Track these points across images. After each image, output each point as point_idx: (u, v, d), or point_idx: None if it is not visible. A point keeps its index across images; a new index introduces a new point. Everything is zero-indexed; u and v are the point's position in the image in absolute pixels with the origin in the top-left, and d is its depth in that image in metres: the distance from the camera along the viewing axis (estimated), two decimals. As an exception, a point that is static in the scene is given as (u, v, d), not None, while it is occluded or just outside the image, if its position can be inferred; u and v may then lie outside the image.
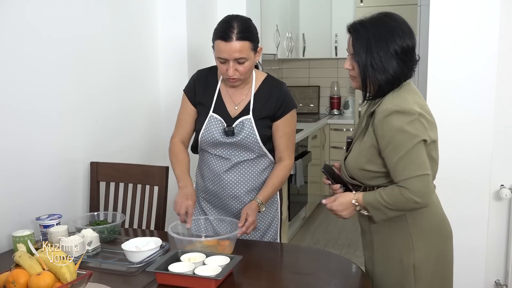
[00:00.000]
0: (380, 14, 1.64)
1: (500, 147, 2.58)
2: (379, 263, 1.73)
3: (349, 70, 1.67)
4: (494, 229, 2.66)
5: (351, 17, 5.21)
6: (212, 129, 1.99)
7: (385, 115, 1.54)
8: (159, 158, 2.73)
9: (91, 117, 2.42)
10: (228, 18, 1.90)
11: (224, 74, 1.92)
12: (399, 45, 1.57)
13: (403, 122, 1.53)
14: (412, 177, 1.53)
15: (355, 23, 1.64)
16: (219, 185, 2.04)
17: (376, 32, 1.58)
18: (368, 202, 1.61)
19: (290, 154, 2.04)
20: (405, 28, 1.60)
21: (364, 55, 1.58)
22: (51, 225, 1.90)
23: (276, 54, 4.52)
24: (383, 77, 1.58)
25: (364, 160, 1.63)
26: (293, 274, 1.71)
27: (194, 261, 1.62)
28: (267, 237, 2.11)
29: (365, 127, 1.67)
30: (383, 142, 1.56)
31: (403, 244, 1.66)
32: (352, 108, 5.50)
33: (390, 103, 1.57)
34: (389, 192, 1.57)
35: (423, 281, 1.67)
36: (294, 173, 4.08)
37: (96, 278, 1.59)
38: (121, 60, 2.64)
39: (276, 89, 2.01)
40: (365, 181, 1.67)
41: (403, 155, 1.53)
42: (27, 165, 2.04)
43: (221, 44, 1.84)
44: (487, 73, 2.50)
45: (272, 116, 2.00)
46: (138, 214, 2.35)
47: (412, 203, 1.54)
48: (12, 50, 1.95)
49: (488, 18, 2.47)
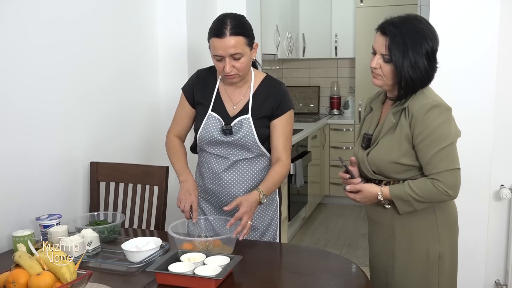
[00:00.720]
0: (410, 17, 1.71)
1: (500, 147, 2.58)
2: (402, 257, 1.77)
3: (373, 69, 1.73)
4: (494, 229, 2.67)
5: (351, 17, 5.22)
6: (210, 127, 1.99)
7: (426, 110, 1.64)
8: (159, 158, 2.73)
9: (91, 117, 2.42)
10: (221, 16, 1.93)
11: (221, 72, 1.93)
12: (430, 47, 1.66)
13: (443, 117, 1.64)
14: (446, 171, 1.64)
15: (387, 24, 1.70)
16: (219, 184, 2.04)
17: (411, 34, 1.65)
18: (396, 195, 1.69)
19: (287, 154, 2.02)
20: (433, 31, 1.69)
21: (401, 56, 1.65)
22: (51, 225, 1.90)
23: (276, 54, 4.52)
24: (415, 76, 1.66)
25: (398, 153, 1.69)
26: (293, 274, 1.71)
27: (194, 261, 1.62)
28: (266, 237, 2.11)
29: (395, 122, 1.72)
30: (420, 136, 1.65)
31: (430, 235, 1.74)
32: (352, 108, 5.50)
33: (426, 99, 1.67)
34: (420, 185, 1.66)
35: (445, 272, 1.75)
36: (294, 173, 4.07)
37: (96, 278, 1.59)
38: (121, 60, 2.64)
39: (274, 89, 2.02)
40: (393, 175, 1.73)
41: (441, 149, 1.63)
42: (27, 165, 2.04)
43: (216, 41, 1.86)
44: (487, 74, 2.50)
45: (269, 116, 2.00)
46: (138, 214, 2.35)
47: (444, 195, 1.65)
48: (11, 51, 1.95)
49: (488, 18, 2.47)
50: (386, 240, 1.81)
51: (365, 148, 1.81)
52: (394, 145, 1.71)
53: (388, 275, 1.82)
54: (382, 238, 1.83)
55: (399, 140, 1.70)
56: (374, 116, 1.85)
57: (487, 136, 2.53)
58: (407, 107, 1.69)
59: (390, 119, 1.73)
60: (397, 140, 1.71)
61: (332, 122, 5.32)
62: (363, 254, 4.03)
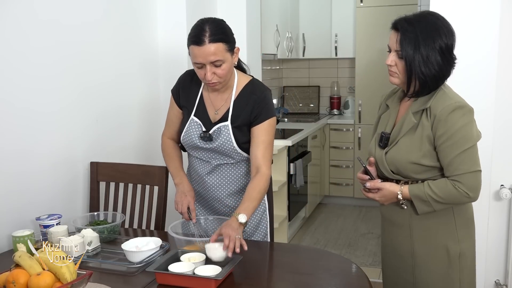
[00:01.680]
0: (424, 13, 1.70)
1: (500, 147, 2.58)
2: (422, 256, 1.77)
3: (389, 66, 1.72)
4: (494, 229, 2.67)
5: (351, 17, 5.21)
6: (191, 132, 1.98)
7: (449, 111, 1.63)
8: (159, 158, 2.72)
9: (91, 117, 2.42)
10: (199, 22, 1.86)
11: (203, 79, 1.88)
12: (444, 43, 1.64)
13: (466, 119, 1.64)
14: (468, 172, 1.63)
15: (400, 20, 1.69)
16: (203, 187, 2.04)
17: (423, 29, 1.64)
18: (416, 195, 1.68)
19: (267, 165, 1.92)
20: (448, 27, 1.68)
21: (412, 51, 1.64)
22: (51, 225, 1.90)
23: (276, 54, 4.52)
24: (429, 72, 1.65)
25: (419, 154, 1.68)
26: (293, 274, 1.71)
27: (194, 261, 1.62)
28: (254, 239, 2.08)
29: (416, 123, 1.70)
30: (443, 137, 1.64)
31: (449, 234, 1.74)
32: (352, 108, 5.49)
33: (449, 99, 1.66)
34: (440, 185, 1.65)
35: (466, 270, 1.75)
36: (294, 173, 4.07)
37: (96, 278, 1.59)
38: (121, 60, 2.64)
39: (255, 96, 1.95)
40: (412, 175, 1.71)
41: (463, 151, 1.62)
42: (27, 165, 2.04)
43: (195, 49, 1.80)
44: (487, 74, 2.50)
45: (248, 124, 1.95)
46: (138, 214, 2.35)
47: (464, 197, 1.64)
48: (11, 50, 1.95)
49: (488, 18, 2.47)
50: (404, 240, 1.80)
51: (382, 147, 1.78)
52: (415, 145, 1.69)
53: (408, 274, 1.80)
54: (399, 238, 1.82)
55: (420, 140, 1.68)
56: (391, 114, 1.83)
57: (487, 136, 2.52)
58: (429, 108, 1.67)
59: (411, 119, 1.71)
60: (418, 141, 1.69)
61: (332, 122, 5.32)
62: (363, 254, 4.02)
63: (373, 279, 2.17)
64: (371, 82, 5.09)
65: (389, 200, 1.76)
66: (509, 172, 2.60)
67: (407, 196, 1.70)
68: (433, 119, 1.65)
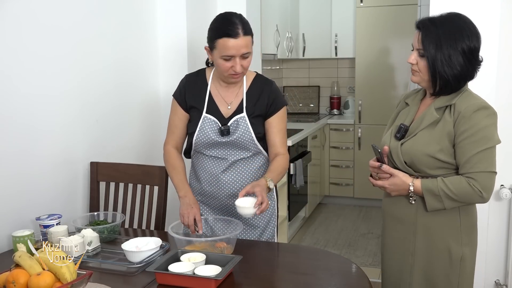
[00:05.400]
0: (449, 14, 1.71)
1: (500, 147, 2.57)
2: (423, 256, 1.77)
3: (411, 65, 1.74)
4: (494, 229, 2.66)
5: (351, 17, 5.21)
6: (206, 129, 1.99)
7: (474, 109, 1.64)
8: (159, 158, 2.72)
9: (91, 117, 2.42)
10: (227, 15, 1.93)
11: (227, 71, 1.93)
12: (467, 44, 1.65)
13: (490, 120, 1.66)
14: (484, 172, 1.64)
15: (424, 19, 1.71)
16: (217, 185, 2.04)
17: (446, 30, 1.65)
18: (428, 188, 1.67)
19: (286, 149, 2.05)
20: (473, 29, 1.68)
21: (434, 50, 1.66)
22: (51, 225, 1.90)
23: (276, 54, 4.52)
24: (451, 72, 1.65)
25: (436, 148, 1.68)
26: (293, 274, 1.71)
27: (194, 261, 1.62)
28: (266, 234, 2.11)
29: (439, 118, 1.71)
30: (464, 134, 1.64)
31: (453, 236, 1.73)
32: (352, 108, 5.49)
33: (474, 99, 1.68)
34: (455, 182, 1.65)
35: (466, 275, 1.75)
36: (294, 173, 4.07)
37: (96, 278, 1.59)
38: (121, 60, 2.64)
39: (267, 87, 2.04)
40: (425, 169, 1.71)
41: (483, 150, 1.63)
42: (27, 165, 2.04)
43: (229, 42, 1.86)
44: (487, 74, 2.49)
45: (264, 114, 2.02)
46: (138, 214, 2.35)
47: (477, 195, 1.64)
48: (11, 50, 1.95)
49: (488, 18, 2.47)
50: (406, 238, 1.79)
51: (399, 139, 1.78)
52: (433, 139, 1.69)
53: (405, 274, 1.80)
54: (401, 235, 1.81)
55: (439, 135, 1.68)
56: (410, 110, 1.84)
57: (487, 136, 2.52)
58: (454, 105, 1.68)
59: (433, 114, 1.72)
60: (438, 135, 1.69)
61: (332, 122, 5.32)
62: (363, 254, 4.03)
63: (373, 279, 2.16)
64: (371, 82, 5.09)
65: (398, 190, 1.74)
66: (509, 172, 2.59)
67: (419, 189, 1.69)
68: (457, 116, 1.66)
